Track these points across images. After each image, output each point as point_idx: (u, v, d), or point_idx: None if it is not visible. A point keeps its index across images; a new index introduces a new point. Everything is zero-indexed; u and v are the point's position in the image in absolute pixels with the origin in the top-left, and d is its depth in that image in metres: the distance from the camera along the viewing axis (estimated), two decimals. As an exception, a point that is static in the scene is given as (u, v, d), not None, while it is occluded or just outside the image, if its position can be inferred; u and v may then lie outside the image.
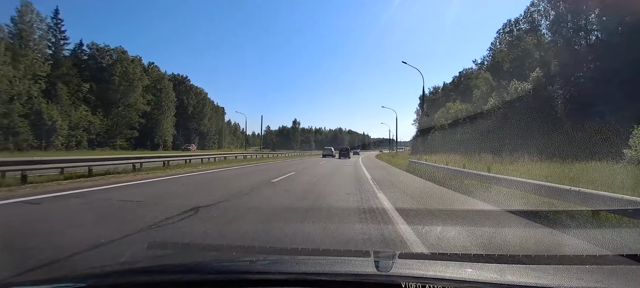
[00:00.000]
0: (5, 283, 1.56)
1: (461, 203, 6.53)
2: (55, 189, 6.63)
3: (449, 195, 7.50)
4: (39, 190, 6.42)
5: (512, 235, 3.91)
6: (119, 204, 5.30)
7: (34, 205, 5.03)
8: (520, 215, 4.89)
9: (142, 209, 4.96)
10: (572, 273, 2.24)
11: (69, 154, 22.26)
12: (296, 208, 5.31)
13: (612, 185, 5.83)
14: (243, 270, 1.38)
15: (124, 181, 8.18)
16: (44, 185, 7.12)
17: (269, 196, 6.65)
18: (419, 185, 9.75)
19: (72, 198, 5.68)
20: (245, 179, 9.78)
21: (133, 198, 5.89)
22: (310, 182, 9.43)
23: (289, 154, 44.83)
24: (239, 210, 5.09)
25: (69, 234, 3.52)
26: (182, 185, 8.15)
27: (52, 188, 6.81)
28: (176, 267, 1.43)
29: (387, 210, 5.14)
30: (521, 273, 1.53)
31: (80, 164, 9.61)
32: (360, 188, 8.01)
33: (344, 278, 1.16)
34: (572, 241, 3.56)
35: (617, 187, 5.57)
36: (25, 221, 4.12)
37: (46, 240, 3.23)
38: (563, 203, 5.08)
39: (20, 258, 2.68)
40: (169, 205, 5.18)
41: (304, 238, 3.54)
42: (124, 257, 2.72)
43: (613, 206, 4.20)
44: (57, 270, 2.51)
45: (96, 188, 6.98)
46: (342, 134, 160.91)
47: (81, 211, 4.82)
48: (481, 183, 8.17)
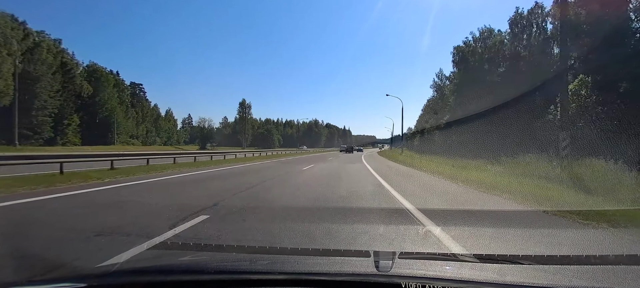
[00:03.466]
0: (5, 283, 1.56)
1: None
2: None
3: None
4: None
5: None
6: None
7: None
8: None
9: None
10: (572, 273, 2.25)
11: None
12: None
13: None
14: (243, 270, 1.38)
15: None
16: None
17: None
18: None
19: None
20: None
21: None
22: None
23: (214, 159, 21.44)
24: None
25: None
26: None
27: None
28: (176, 266, 1.43)
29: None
30: (521, 273, 1.53)
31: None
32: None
33: (344, 278, 1.16)
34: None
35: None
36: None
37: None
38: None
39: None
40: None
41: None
42: (124, 256, 2.72)
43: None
44: (57, 269, 2.51)
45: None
46: (319, 128, 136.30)
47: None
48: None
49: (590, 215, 4.46)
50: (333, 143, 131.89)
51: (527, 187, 7.49)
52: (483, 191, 7.44)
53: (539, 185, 7.83)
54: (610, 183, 7.24)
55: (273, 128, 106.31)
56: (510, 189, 7.19)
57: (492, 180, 8.91)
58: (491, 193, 7.03)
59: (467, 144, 23.02)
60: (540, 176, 9.30)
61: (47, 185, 7.00)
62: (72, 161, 10.55)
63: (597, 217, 4.35)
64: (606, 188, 6.80)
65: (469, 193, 7.42)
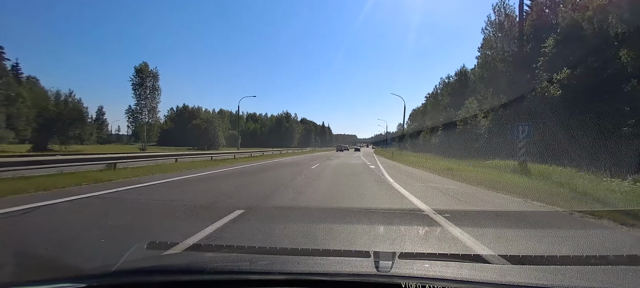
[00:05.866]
0: (5, 283, 1.56)
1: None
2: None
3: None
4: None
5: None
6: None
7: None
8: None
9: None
10: (572, 273, 2.24)
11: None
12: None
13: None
14: (243, 270, 1.38)
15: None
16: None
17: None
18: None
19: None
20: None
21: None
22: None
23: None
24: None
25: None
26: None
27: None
28: (176, 266, 1.43)
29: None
30: (521, 273, 1.53)
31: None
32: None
33: (344, 279, 1.16)
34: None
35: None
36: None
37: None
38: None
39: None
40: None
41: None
42: (124, 256, 2.72)
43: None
44: (55, 269, 2.51)
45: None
46: (291, 123, 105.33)
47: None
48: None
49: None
50: (309, 142, 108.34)
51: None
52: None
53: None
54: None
55: (216, 119, 74.25)
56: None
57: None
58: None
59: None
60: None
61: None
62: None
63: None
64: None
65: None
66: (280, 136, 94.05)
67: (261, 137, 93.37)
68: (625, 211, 4.90)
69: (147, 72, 49.46)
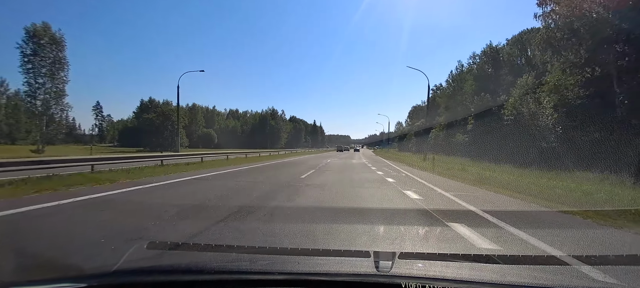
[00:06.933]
0: (5, 283, 1.56)
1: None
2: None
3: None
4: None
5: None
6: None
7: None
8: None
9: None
10: (572, 273, 2.25)
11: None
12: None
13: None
14: (243, 270, 1.37)
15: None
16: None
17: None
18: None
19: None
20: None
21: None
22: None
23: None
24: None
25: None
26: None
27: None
28: (176, 266, 1.43)
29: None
30: (521, 273, 1.53)
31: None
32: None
33: (344, 279, 1.16)
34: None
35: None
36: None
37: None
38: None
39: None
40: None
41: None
42: (124, 256, 2.71)
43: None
44: (56, 269, 2.50)
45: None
46: (276, 120, 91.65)
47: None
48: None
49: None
50: (299, 142, 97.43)
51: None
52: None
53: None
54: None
55: (196, 115, 72.50)
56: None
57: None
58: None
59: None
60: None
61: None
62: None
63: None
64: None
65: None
66: (265, 135, 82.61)
67: (242, 136, 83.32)
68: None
69: (46, 36, 33.02)
